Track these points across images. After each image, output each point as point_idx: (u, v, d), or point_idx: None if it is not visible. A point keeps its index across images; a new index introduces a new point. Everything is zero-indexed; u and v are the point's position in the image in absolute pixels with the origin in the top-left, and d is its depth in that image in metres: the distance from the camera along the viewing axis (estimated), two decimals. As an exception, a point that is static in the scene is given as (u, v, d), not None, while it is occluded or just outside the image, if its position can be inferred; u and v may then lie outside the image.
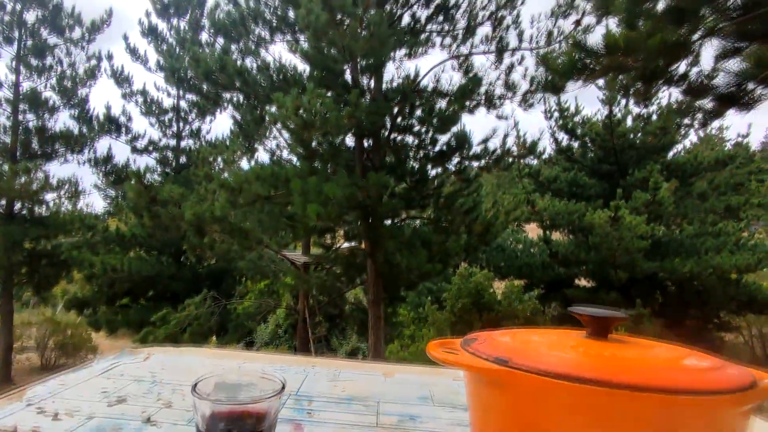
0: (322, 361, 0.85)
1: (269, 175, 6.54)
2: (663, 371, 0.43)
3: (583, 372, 0.41)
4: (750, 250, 8.15)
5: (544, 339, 0.50)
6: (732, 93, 3.19)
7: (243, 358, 0.84)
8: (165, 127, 12.48)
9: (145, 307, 9.70)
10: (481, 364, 0.46)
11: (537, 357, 0.44)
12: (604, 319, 0.51)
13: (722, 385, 0.42)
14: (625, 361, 0.44)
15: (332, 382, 0.74)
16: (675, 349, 0.50)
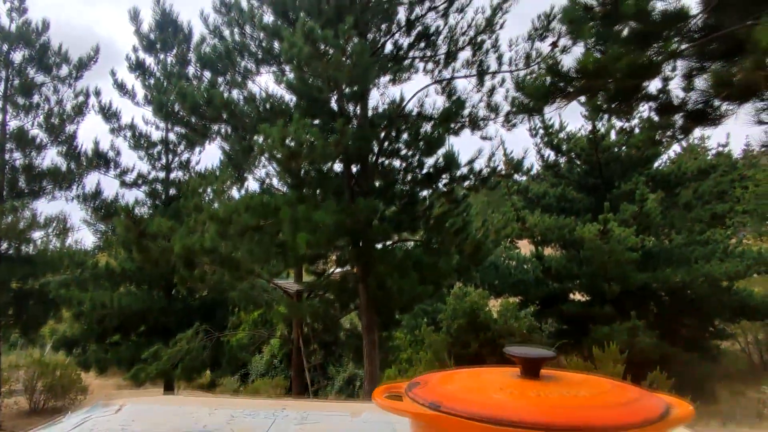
0: (292, 403, 0.87)
1: (258, 205, 6.56)
2: (578, 410, 0.46)
3: (504, 414, 0.44)
4: (738, 257, 8.25)
5: (480, 381, 0.53)
6: (700, 110, 3.31)
7: (214, 404, 0.86)
8: (154, 160, 12.51)
9: (136, 343, 9.54)
10: (417, 409, 0.49)
11: (467, 401, 0.47)
12: (534, 360, 0.55)
13: (632, 418, 0.45)
14: (545, 401, 0.47)
15: (299, 425, 0.76)
16: (599, 384, 0.53)
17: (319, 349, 8.94)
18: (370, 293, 7.17)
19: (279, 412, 0.79)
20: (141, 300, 9.73)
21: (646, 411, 0.45)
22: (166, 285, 10.44)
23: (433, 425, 0.47)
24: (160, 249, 7.80)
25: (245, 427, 0.71)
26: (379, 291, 7.03)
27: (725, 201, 9.42)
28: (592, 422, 0.42)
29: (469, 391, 0.49)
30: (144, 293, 10.22)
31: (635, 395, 0.48)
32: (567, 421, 0.42)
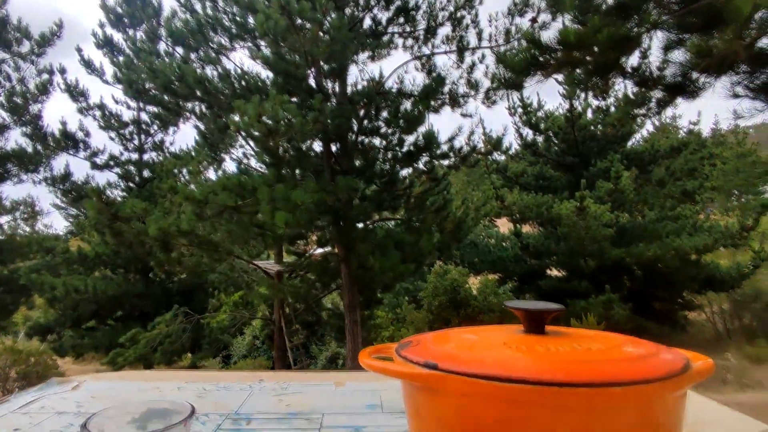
0: (271, 374, 0.81)
1: (235, 185, 6.41)
2: (594, 364, 0.42)
3: (512, 371, 0.39)
4: (707, 232, 8.51)
5: (480, 338, 0.49)
6: (679, 83, 3.31)
7: (184, 379, 0.80)
8: (126, 141, 12.08)
9: (113, 328, 9.35)
10: (411, 369, 0.44)
11: (467, 359, 0.42)
12: (539, 313, 0.50)
13: (653, 372, 0.41)
14: (554, 356, 0.43)
15: (278, 396, 0.71)
16: (610, 338, 0.49)
17: (301, 328, 8.92)
18: (352, 272, 7.14)
19: (256, 384, 0.73)
20: (117, 284, 9.50)
21: (669, 364, 0.41)
22: (142, 268, 10.21)
23: (430, 387, 0.42)
24: (135, 232, 7.58)
25: (217, 400, 0.65)
26: (360, 270, 7.00)
27: (695, 178, 9.67)
28: (613, 376, 0.38)
29: (468, 349, 0.44)
30: (120, 277, 9.98)
31: (652, 349, 0.44)
32: (586, 376, 0.37)
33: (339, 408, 0.66)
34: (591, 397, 0.39)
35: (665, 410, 0.43)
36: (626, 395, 0.39)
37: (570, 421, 0.40)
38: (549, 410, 0.40)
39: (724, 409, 0.69)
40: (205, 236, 7.28)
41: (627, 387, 0.39)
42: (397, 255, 6.74)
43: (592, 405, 0.40)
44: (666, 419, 0.44)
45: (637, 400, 0.41)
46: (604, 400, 0.39)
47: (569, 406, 0.39)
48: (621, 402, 0.40)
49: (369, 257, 6.65)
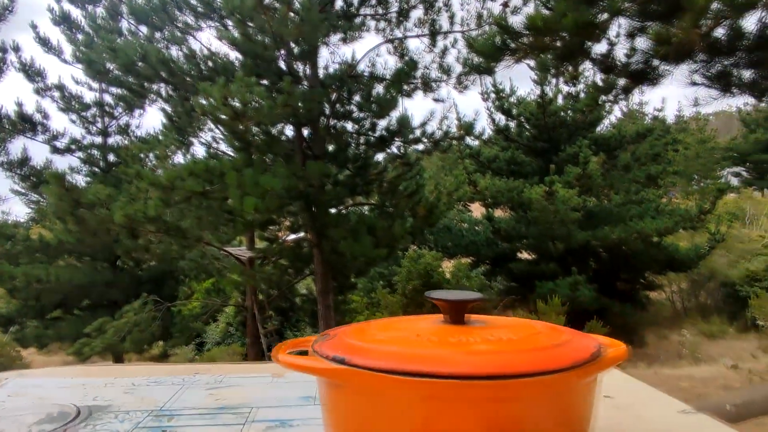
0: (207, 367, 0.79)
1: (203, 170, 6.25)
2: (501, 355, 0.41)
3: (418, 365, 0.39)
4: (668, 215, 8.82)
5: (397, 330, 0.48)
6: (641, 70, 3.38)
7: (114, 374, 0.77)
8: (88, 124, 11.59)
9: (80, 318, 9.09)
10: (320, 364, 0.43)
11: (377, 352, 0.41)
12: (458, 303, 0.49)
13: (560, 362, 0.41)
14: (466, 347, 0.42)
15: (210, 390, 0.69)
16: (528, 327, 0.49)
17: (275, 315, 8.88)
18: (325, 258, 7.12)
19: (189, 378, 0.71)
20: (83, 273, 9.20)
21: (578, 352, 0.40)
22: (109, 256, 9.91)
23: (337, 382, 0.41)
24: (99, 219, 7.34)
25: (145, 395, 0.63)
26: (333, 255, 6.98)
27: (659, 163, 9.99)
28: (516, 368, 0.37)
29: (382, 342, 0.43)
30: (86, 266, 9.67)
31: (567, 337, 0.44)
32: (488, 368, 0.37)
33: (271, 401, 0.65)
34: (495, 389, 0.38)
35: (575, 398, 0.44)
36: (531, 386, 0.39)
37: (476, 413, 0.40)
38: (455, 403, 0.39)
39: (651, 390, 0.71)
40: (173, 223, 7.11)
41: (532, 378, 0.39)
42: (369, 240, 6.74)
43: (498, 397, 0.39)
44: (576, 406, 0.44)
45: (544, 390, 0.40)
46: (509, 391, 0.39)
47: (474, 398, 0.39)
48: (527, 392, 0.40)
49: (342, 242, 6.63)
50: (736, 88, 3.41)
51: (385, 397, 0.41)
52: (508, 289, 10.86)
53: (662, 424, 0.60)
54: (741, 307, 8.64)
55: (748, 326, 8.45)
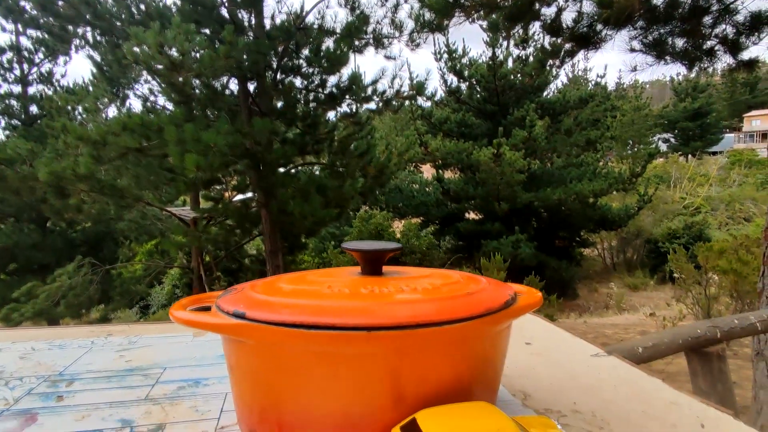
0: (124, 328, 0.74)
1: (138, 125, 5.84)
2: (412, 305, 0.40)
3: (321, 317, 0.36)
4: (603, 177, 9.33)
5: (309, 282, 0.45)
6: (584, 33, 3.43)
7: (15, 337, 0.70)
8: (5, 71, 10.44)
9: (6, 282, 8.49)
10: (220, 320, 0.40)
11: (280, 305, 0.39)
12: (374, 254, 0.48)
13: (474, 309, 0.40)
14: (377, 298, 0.40)
15: (121, 352, 0.65)
16: (445, 276, 0.48)
17: (223, 276, 8.70)
18: (273, 218, 6.97)
19: (99, 340, 0.66)
20: (6, 235, 8.53)
21: (491, 300, 0.40)
22: (37, 217, 9.21)
23: (237, 338, 0.38)
24: (21, 176, 6.75)
25: (43, 360, 0.58)
26: (282, 215, 6.85)
27: (598, 128, 10.43)
28: (424, 317, 0.36)
29: (288, 295, 0.41)
30: (10, 227, 8.95)
31: (483, 286, 0.43)
32: (395, 319, 0.35)
33: (187, 361, 0.62)
34: (401, 340, 0.37)
35: (487, 345, 0.43)
36: (439, 335, 0.38)
37: (382, 367, 0.38)
38: (360, 358, 0.38)
39: (568, 336, 0.74)
40: (107, 181, 6.67)
41: (440, 327, 0.38)
42: (319, 200, 6.65)
43: (404, 349, 0.38)
44: (488, 354, 0.44)
45: (453, 339, 0.40)
46: (416, 342, 0.38)
47: (379, 351, 0.38)
48: (435, 343, 0.39)
49: (290, 202, 6.50)
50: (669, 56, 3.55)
51: (287, 353, 0.38)
52: (456, 247, 11.20)
53: (576, 366, 0.63)
54: (661, 261, 9.45)
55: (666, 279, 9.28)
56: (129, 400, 0.50)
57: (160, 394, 0.52)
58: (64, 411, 0.48)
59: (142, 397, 0.51)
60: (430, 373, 0.39)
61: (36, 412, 0.48)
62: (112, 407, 0.49)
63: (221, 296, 0.45)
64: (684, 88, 21.29)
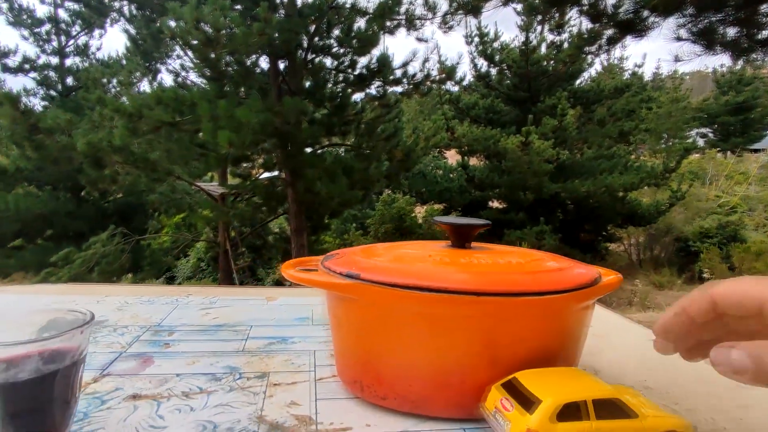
0: (200, 289, 0.80)
1: (172, 99, 5.95)
2: (510, 275, 0.43)
3: (429, 281, 0.40)
4: (635, 171, 9.09)
5: (405, 251, 0.49)
6: (629, 20, 3.33)
7: (104, 292, 0.76)
8: (43, 42, 10.68)
9: (43, 247, 8.85)
10: (333, 279, 0.43)
11: (388, 270, 0.42)
12: (464, 228, 0.50)
13: (565, 284, 0.43)
14: (474, 268, 0.44)
15: (205, 310, 0.70)
16: (531, 254, 0.51)
17: (248, 252, 8.89)
18: (299, 197, 7.06)
19: (182, 299, 0.71)
20: (44, 202, 8.85)
21: (580, 277, 0.43)
22: (72, 186, 9.53)
23: (350, 296, 0.41)
24: (60, 146, 6.97)
25: (138, 313, 0.63)
26: (307, 195, 6.93)
27: (632, 120, 10.12)
28: (526, 286, 0.39)
29: (392, 261, 0.44)
30: (47, 195, 9.28)
31: (568, 264, 0.46)
32: (500, 286, 0.38)
33: (267, 321, 0.67)
34: (499, 306, 0.40)
35: (572, 320, 0.46)
36: (533, 304, 0.41)
37: (483, 326, 0.42)
38: (464, 318, 0.41)
39: (625, 321, 0.76)
40: (141, 154, 6.83)
41: (535, 297, 0.41)
42: (345, 181, 6.70)
43: (501, 314, 0.41)
44: (572, 327, 0.47)
45: (545, 309, 0.43)
46: (512, 309, 0.41)
47: (478, 314, 0.41)
48: (528, 311, 0.42)
49: (317, 182, 6.57)
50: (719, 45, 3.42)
51: (395, 312, 0.42)
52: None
53: (638, 347, 0.65)
54: (691, 260, 9.21)
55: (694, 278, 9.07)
56: (228, 351, 0.55)
57: (253, 347, 0.57)
58: (174, 356, 0.53)
59: (239, 350, 0.56)
60: (523, 340, 0.42)
61: (150, 355, 0.53)
62: (215, 356, 0.54)
63: (325, 260, 0.48)
64: (728, 80, 20.31)
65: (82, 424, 0.39)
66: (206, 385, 0.47)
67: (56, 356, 0.33)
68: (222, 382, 0.47)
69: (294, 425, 0.41)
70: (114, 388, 0.45)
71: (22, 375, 0.32)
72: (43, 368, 0.33)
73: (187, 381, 0.47)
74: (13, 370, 0.32)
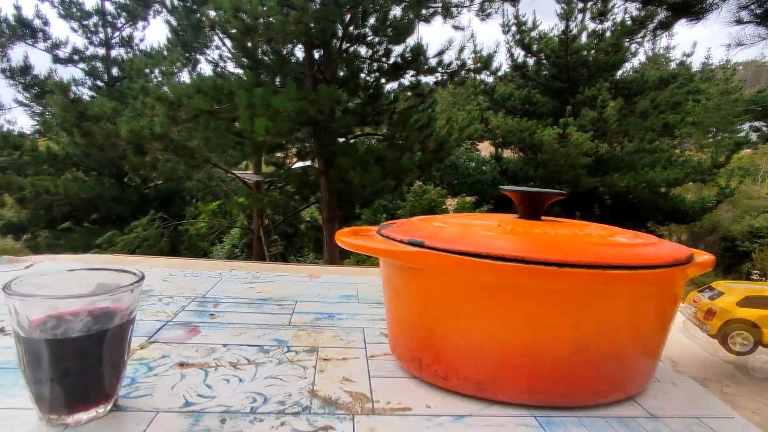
0: (243, 264, 0.78)
1: (211, 88, 6.06)
2: (596, 247, 0.38)
3: (505, 250, 0.35)
4: (680, 166, 8.65)
5: (471, 221, 0.44)
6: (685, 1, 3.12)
7: (149, 264, 0.76)
8: (90, 34, 11.10)
9: (89, 230, 9.27)
10: (394, 247, 0.40)
11: (456, 238, 0.38)
12: (536, 196, 0.46)
13: (660, 259, 0.38)
14: (553, 238, 0.39)
15: (249, 284, 0.68)
16: (610, 228, 0.46)
17: (280, 239, 9.03)
18: (332, 186, 7.09)
19: (226, 273, 0.70)
20: (90, 187, 9.25)
21: (675, 252, 0.37)
22: (116, 172, 9.92)
23: (412, 265, 0.38)
24: (105, 133, 7.23)
25: (183, 284, 0.61)
26: (340, 184, 6.95)
27: (678, 112, 9.61)
28: (618, 259, 0.34)
29: (459, 228, 0.40)
30: (93, 180, 9.70)
31: (654, 240, 0.40)
32: (590, 258, 0.34)
33: (311, 297, 0.64)
34: (592, 279, 0.35)
35: (665, 299, 0.41)
36: (632, 279, 0.36)
37: (566, 306, 0.37)
38: (545, 292, 0.36)
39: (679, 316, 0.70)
40: (180, 141, 7.02)
41: (632, 271, 0.36)
42: (377, 171, 6.68)
43: (592, 289, 0.37)
44: (664, 309, 0.41)
45: (640, 285, 0.38)
46: (606, 283, 0.36)
47: (568, 288, 0.36)
48: (625, 287, 0.37)
49: (349, 172, 6.57)
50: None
51: (462, 283, 0.38)
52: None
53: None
54: (738, 261, 8.74)
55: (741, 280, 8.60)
56: (275, 324, 0.53)
57: (300, 322, 0.54)
58: (221, 327, 0.51)
59: (285, 323, 0.53)
60: (612, 320, 0.38)
61: (196, 325, 0.51)
62: (262, 328, 0.51)
63: (382, 229, 0.45)
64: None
65: (130, 390, 0.37)
66: (254, 356, 0.44)
67: (106, 315, 0.31)
68: (270, 354, 0.45)
69: (349, 402, 0.38)
70: (161, 356, 0.43)
71: (71, 332, 0.30)
72: (93, 326, 0.31)
73: (234, 352, 0.45)
74: (63, 327, 0.30)
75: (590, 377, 0.39)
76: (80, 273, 0.36)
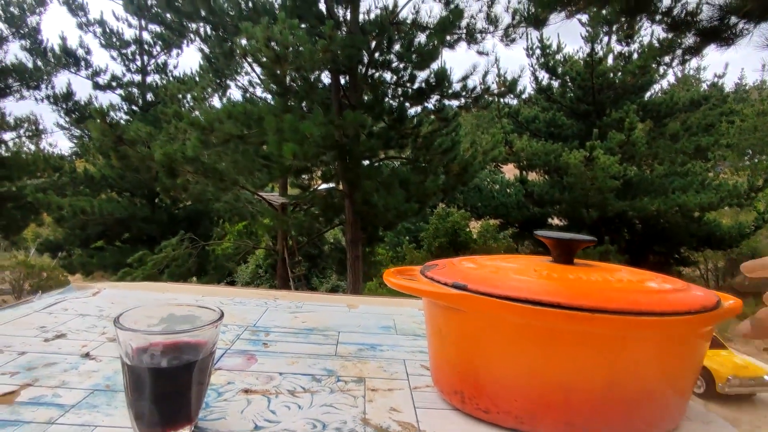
0: (285, 294, 0.83)
1: (241, 113, 6.29)
2: (627, 293, 0.41)
3: (542, 295, 0.39)
4: (714, 190, 8.42)
5: (507, 265, 0.48)
6: (714, 27, 3.12)
7: (202, 292, 0.81)
8: (128, 61, 11.70)
9: (121, 249, 9.58)
10: (439, 289, 0.44)
11: (497, 282, 0.42)
12: (569, 243, 0.49)
13: (687, 305, 0.41)
14: (586, 284, 0.42)
15: (293, 314, 0.73)
16: (640, 273, 0.49)
17: (304, 260, 9.13)
18: (356, 209, 7.18)
19: (271, 302, 0.75)
20: (123, 208, 9.61)
21: (702, 299, 0.40)
22: (148, 193, 10.29)
23: (457, 307, 0.42)
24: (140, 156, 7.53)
25: (234, 313, 0.66)
26: (364, 207, 7.04)
27: (711, 134, 9.40)
28: (647, 306, 0.37)
29: (497, 273, 0.43)
30: (126, 201, 10.08)
31: (683, 285, 0.43)
32: (620, 304, 0.37)
33: (353, 327, 0.68)
34: (623, 324, 0.39)
35: (693, 343, 0.44)
36: (660, 325, 0.39)
37: (599, 348, 0.40)
38: (579, 335, 0.40)
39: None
40: (210, 164, 7.25)
41: (661, 317, 0.39)
42: (401, 194, 6.74)
43: (624, 333, 0.40)
44: (692, 352, 0.44)
45: (669, 331, 0.41)
46: (637, 328, 0.39)
47: (600, 332, 0.39)
48: (654, 332, 0.40)
49: (373, 194, 6.65)
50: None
51: (506, 325, 0.42)
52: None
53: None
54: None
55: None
56: (322, 354, 0.57)
57: (345, 353, 0.58)
58: (275, 356, 0.56)
59: (332, 353, 0.58)
60: (640, 362, 0.40)
61: (253, 353, 0.56)
62: (312, 358, 0.56)
63: (426, 270, 0.49)
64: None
65: (205, 413, 0.41)
66: (308, 385, 0.48)
67: (194, 348, 0.36)
68: (322, 383, 0.49)
69: (398, 431, 0.41)
70: (226, 382, 0.48)
71: (168, 362, 0.35)
72: (184, 358, 0.36)
73: (290, 380, 0.49)
74: (160, 357, 0.35)
75: (624, 414, 0.41)
76: (169, 308, 0.41)
